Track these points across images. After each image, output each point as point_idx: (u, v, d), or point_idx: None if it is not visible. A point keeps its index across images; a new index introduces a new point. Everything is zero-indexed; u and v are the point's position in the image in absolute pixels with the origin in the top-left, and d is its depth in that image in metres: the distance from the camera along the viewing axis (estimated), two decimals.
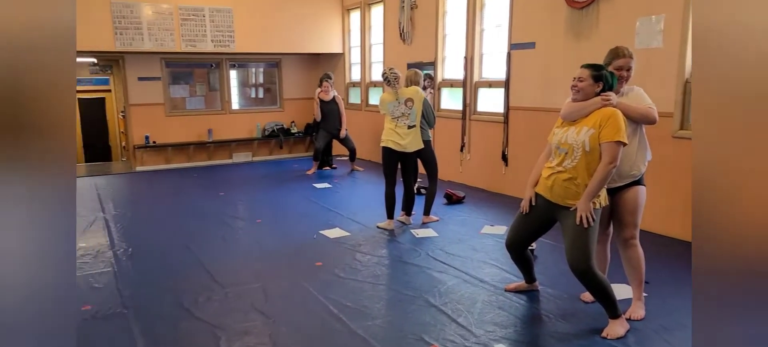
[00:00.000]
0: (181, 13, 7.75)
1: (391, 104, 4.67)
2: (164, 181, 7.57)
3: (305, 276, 3.74)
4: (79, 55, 8.02)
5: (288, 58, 9.42)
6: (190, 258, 4.16)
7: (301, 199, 6.18)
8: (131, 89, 8.31)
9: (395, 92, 4.66)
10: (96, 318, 3.16)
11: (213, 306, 3.30)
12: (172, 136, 8.63)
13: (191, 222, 5.24)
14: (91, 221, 5.27)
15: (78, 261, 4.09)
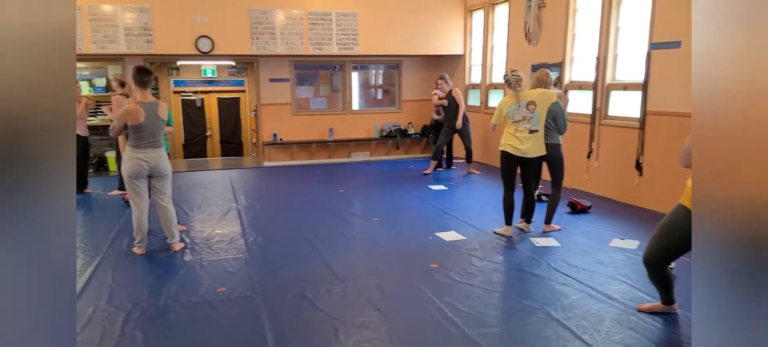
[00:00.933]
0: (311, 18, 8.18)
1: (512, 107, 4.49)
2: (289, 176, 8.04)
3: (420, 277, 3.73)
4: (221, 58, 8.80)
5: (408, 60, 9.53)
6: (312, 251, 4.35)
7: (416, 200, 6.21)
8: (263, 89, 8.94)
9: (516, 95, 4.48)
10: (229, 299, 3.42)
11: (332, 298, 3.41)
12: (297, 134, 9.14)
13: (313, 216, 5.49)
14: (226, 211, 5.73)
15: (214, 246, 4.48)
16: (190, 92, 11.27)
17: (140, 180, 4.15)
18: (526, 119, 4.42)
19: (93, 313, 3.19)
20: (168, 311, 3.24)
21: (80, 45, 7.26)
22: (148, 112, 4.05)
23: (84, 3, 7.20)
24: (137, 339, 2.88)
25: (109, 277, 3.78)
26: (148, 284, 3.69)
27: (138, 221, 4.21)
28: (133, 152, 4.07)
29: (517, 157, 4.48)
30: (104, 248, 4.44)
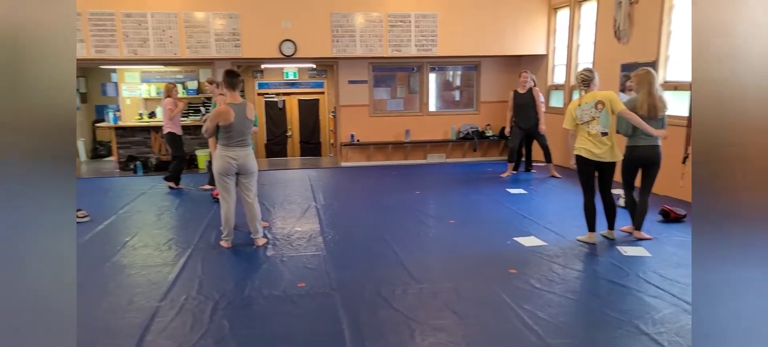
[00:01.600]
0: (390, 20, 8.26)
1: (579, 108, 4.30)
2: (365, 176, 8.15)
3: (498, 282, 3.64)
4: (302, 61, 9.09)
5: (487, 61, 9.36)
6: (387, 251, 4.38)
7: (494, 203, 6.07)
8: (342, 91, 9.13)
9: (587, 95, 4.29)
10: (309, 294, 3.51)
11: (408, 299, 3.41)
12: (374, 135, 9.25)
13: (389, 216, 5.52)
14: (305, 209, 5.91)
15: (294, 243, 4.62)
16: (272, 93, 11.75)
17: (229, 177, 4.37)
18: (594, 120, 4.23)
19: (185, 301, 3.39)
20: (252, 303, 3.38)
21: (176, 50, 7.78)
22: (237, 112, 4.25)
23: (179, 10, 7.72)
24: (224, 328, 3.03)
25: (199, 268, 4.01)
26: (234, 276, 3.88)
27: (226, 216, 4.44)
28: (223, 150, 4.30)
29: (593, 161, 4.28)
30: (195, 240, 4.72)
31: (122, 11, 7.57)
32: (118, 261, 4.20)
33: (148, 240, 4.76)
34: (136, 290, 3.60)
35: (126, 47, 7.66)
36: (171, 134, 6.98)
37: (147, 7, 7.62)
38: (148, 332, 2.97)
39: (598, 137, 4.24)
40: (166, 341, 2.88)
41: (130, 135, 9.06)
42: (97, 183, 7.78)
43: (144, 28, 7.65)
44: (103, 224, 5.29)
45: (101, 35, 7.56)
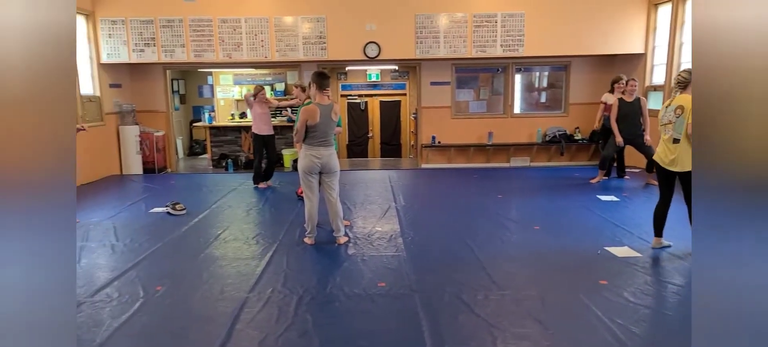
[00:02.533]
0: (475, 20, 8.13)
1: (664, 108, 4.08)
2: (446, 179, 8.07)
3: (587, 292, 3.44)
4: (386, 63, 9.18)
5: (578, 61, 8.95)
6: (468, 254, 4.29)
7: (582, 210, 5.78)
8: (423, 92, 9.11)
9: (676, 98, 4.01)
10: (389, 295, 3.52)
11: (490, 305, 3.31)
12: (455, 137, 9.14)
13: (470, 220, 5.42)
14: (386, 210, 5.94)
15: (375, 243, 4.66)
16: (355, 95, 11.97)
17: (313, 176, 4.49)
18: (670, 123, 4.00)
19: (271, 294, 3.52)
20: (333, 299, 3.44)
21: (266, 54, 8.14)
22: (323, 113, 4.37)
23: (271, 15, 8.06)
24: (308, 322, 3.11)
25: (284, 263, 4.15)
26: (316, 272, 3.97)
27: (309, 213, 4.56)
28: (307, 149, 4.43)
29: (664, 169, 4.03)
30: (280, 236, 4.89)
31: (219, 17, 8.04)
32: (211, 253, 4.44)
33: (238, 234, 4.99)
34: (227, 280, 3.79)
35: (221, 51, 8.12)
36: (254, 135, 7.26)
37: (241, 13, 8.04)
38: (238, 321, 3.11)
39: (669, 143, 4.05)
40: (254, 331, 3.00)
41: (223, 134, 9.60)
42: (193, 179, 8.31)
43: (238, 32, 8.08)
44: (197, 218, 5.63)
45: (199, 40, 8.08)
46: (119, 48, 8.10)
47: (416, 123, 9.80)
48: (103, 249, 4.56)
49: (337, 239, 4.65)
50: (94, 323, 3.12)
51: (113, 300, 3.43)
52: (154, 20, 8.02)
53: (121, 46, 8.09)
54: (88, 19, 7.98)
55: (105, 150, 8.32)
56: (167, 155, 9.23)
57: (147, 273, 3.94)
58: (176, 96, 11.04)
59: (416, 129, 9.85)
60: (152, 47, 8.09)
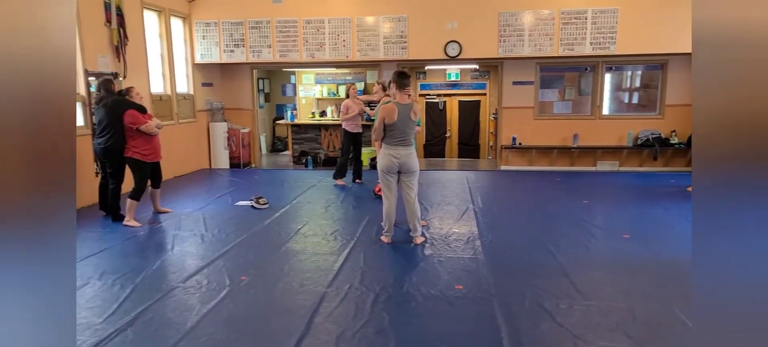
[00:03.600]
0: (563, 17, 7.79)
1: None
2: (526, 181, 7.80)
3: (683, 307, 3.17)
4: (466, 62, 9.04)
5: (676, 60, 8.32)
6: (550, 261, 4.11)
7: (678, 219, 5.36)
8: (505, 92, 8.87)
9: None
10: (466, 298, 3.44)
11: (575, 315, 3.15)
12: (538, 139, 8.82)
13: (552, 225, 5.20)
14: (463, 211, 5.84)
15: (452, 244, 4.59)
16: (433, 94, 11.90)
17: (391, 175, 4.49)
18: None
19: (349, 290, 3.56)
20: (410, 299, 3.42)
21: (348, 53, 8.28)
22: (401, 112, 4.35)
23: (353, 15, 8.19)
24: (384, 320, 3.10)
25: (361, 260, 4.19)
26: (393, 271, 3.97)
27: (387, 212, 4.57)
28: (386, 148, 4.44)
29: None
30: (357, 233, 4.95)
31: (304, 18, 8.29)
32: (291, 247, 4.57)
33: (317, 230, 5.11)
34: (306, 274, 3.88)
35: (305, 51, 8.37)
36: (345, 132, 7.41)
37: (325, 14, 8.24)
38: (317, 314, 3.17)
39: None
40: (332, 325, 3.04)
41: (304, 132, 9.89)
42: (275, 174, 8.63)
43: (321, 33, 8.28)
44: (279, 212, 5.83)
45: (285, 41, 8.36)
46: (211, 49, 8.57)
47: (496, 124, 9.56)
48: (193, 238, 4.83)
49: (413, 238, 4.62)
50: (186, 307, 3.30)
51: (202, 287, 3.62)
52: (244, 22, 8.41)
53: (213, 47, 8.56)
54: (184, 22, 8.51)
55: (196, 145, 8.84)
56: (252, 151, 9.66)
57: (233, 263, 4.12)
58: (261, 94, 11.52)
59: (496, 130, 9.62)
60: (241, 48, 8.48)
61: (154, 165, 5.46)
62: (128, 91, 5.33)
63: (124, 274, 3.87)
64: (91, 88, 6.23)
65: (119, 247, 4.58)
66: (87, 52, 6.20)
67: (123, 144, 5.20)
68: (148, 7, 7.48)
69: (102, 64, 6.47)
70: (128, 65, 6.87)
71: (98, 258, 4.24)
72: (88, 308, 3.30)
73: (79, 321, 3.11)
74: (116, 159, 5.28)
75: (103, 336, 2.90)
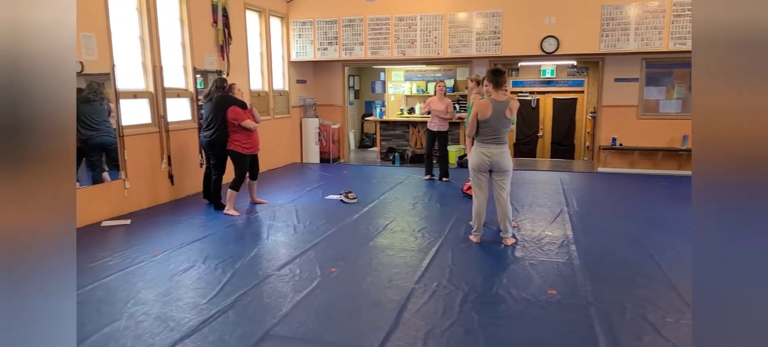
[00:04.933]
0: (675, 9, 7.21)
1: None
2: (627, 185, 7.32)
3: None
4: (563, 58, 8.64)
5: None
6: (655, 270, 3.82)
7: None
8: (606, 90, 8.37)
9: None
10: (560, 303, 3.28)
11: (683, 330, 2.89)
12: (641, 140, 8.24)
13: (656, 232, 4.83)
14: (557, 213, 5.59)
15: (544, 247, 4.40)
16: (526, 92, 11.51)
17: (482, 173, 4.39)
18: None
19: (436, 287, 3.53)
20: (500, 301, 3.32)
21: (439, 50, 8.22)
22: (495, 109, 4.24)
23: (445, 12, 8.12)
24: (473, 320, 3.04)
25: (449, 258, 4.13)
26: (482, 271, 3.88)
27: (477, 211, 4.47)
28: (478, 146, 4.34)
29: None
30: (445, 231, 4.89)
31: (396, 15, 8.34)
32: (379, 242, 4.62)
33: (405, 226, 5.12)
34: (394, 270, 3.89)
35: (396, 48, 8.42)
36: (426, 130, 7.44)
37: (417, 11, 8.24)
38: (405, 310, 3.17)
39: None
40: (420, 321, 3.02)
41: (392, 129, 9.97)
42: (363, 170, 8.77)
43: (413, 30, 8.29)
44: (367, 207, 5.91)
45: (376, 38, 8.47)
46: (306, 47, 8.88)
47: (594, 123, 9.06)
48: (286, 229, 5.02)
49: (504, 239, 4.49)
50: (280, 294, 3.44)
51: (295, 276, 3.75)
52: (337, 20, 8.62)
53: (308, 45, 8.86)
54: (282, 21, 8.89)
55: (289, 140, 9.21)
56: (341, 146, 9.90)
57: (323, 255, 4.23)
58: (351, 91, 11.77)
59: (594, 129, 9.11)
60: (334, 46, 8.71)
61: (253, 158, 5.76)
62: (230, 87, 5.65)
63: (224, 259, 4.10)
64: (198, 84, 6.69)
65: (220, 234, 4.87)
66: (195, 50, 6.66)
67: (225, 138, 5.53)
68: (250, 7, 7.89)
69: (208, 62, 6.91)
70: (231, 63, 7.30)
71: (202, 243, 4.54)
72: (194, 289, 3.54)
73: (187, 300, 3.34)
74: (219, 152, 5.62)
75: (207, 315, 3.09)
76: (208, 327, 2.95)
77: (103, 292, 3.46)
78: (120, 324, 2.99)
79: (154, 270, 3.89)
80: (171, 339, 2.81)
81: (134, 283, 3.62)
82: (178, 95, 6.45)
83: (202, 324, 2.98)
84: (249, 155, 5.64)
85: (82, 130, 5.08)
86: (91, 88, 5.14)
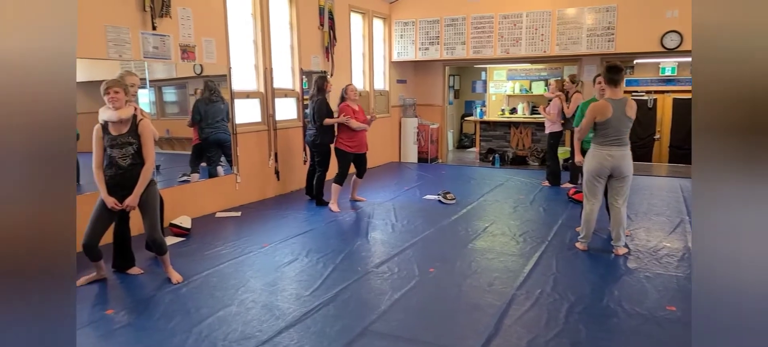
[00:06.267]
0: None
1: None
2: None
3: None
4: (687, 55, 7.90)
5: None
6: None
7: None
8: None
9: None
10: (681, 321, 2.98)
11: None
12: None
13: None
14: (676, 223, 5.12)
15: (662, 260, 4.04)
16: (642, 91, 10.67)
17: (600, 179, 4.11)
18: None
19: (540, 295, 3.36)
20: (611, 314, 3.09)
21: (545, 48, 7.88)
22: (616, 109, 3.96)
23: (554, 8, 7.76)
24: (580, 333, 2.85)
25: (554, 265, 3.93)
26: (590, 281, 3.64)
27: (588, 218, 4.20)
28: (597, 149, 4.07)
29: None
30: (549, 237, 4.66)
31: (500, 13, 8.12)
32: (478, 245, 4.51)
33: (505, 229, 4.95)
34: (494, 274, 3.77)
35: (499, 47, 8.20)
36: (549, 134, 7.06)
37: (523, 8, 7.96)
38: (506, 316, 3.06)
39: None
40: (522, 329, 2.90)
41: (492, 129, 9.72)
42: (461, 171, 8.64)
43: (518, 28, 8.03)
44: (466, 209, 5.81)
45: (479, 37, 8.31)
46: (408, 47, 8.93)
47: None
48: (384, 227, 5.07)
49: (615, 248, 4.18)
50: (379, 291, 3.47)
51: (393, 274, 3.77)
52: (440, 20, 8.58)
53: (410, 45, 8.90)
54: (384, 22, 9.02)
55: (388, 139, 9.32)
56: (439, 146, 9.83)
57: (421, 254, 4.21)
58: (451, 91, 11.65)
59: None
60: (436, 45, 8.67)
61: (359, 156, 5.88)
62: (324, 83, 5.81)
63: (325, 254, 4.23)
64: (303, 84, 6.98)
65: (322, 229, 5.03)
66: (302, 52, 6.95)
67: (326, 139, 5.72)
68: (354, 10, 8.09)
69: (314, 63, 7.18)
70: (334, 64, 7.53)
71: (304, 237, 4.71)
72: (297, 281, 3.68)
73: (291, 290, 3.48)
74: (320, 150, 5.83)
75: (310, 307, 3.20)
76: (311, 319, 3.04)
77: (217, 278, 3.71)
78: (231, 310, 3.18)
79: (262, 260, 4.10)
80: (276, 327, 2.93)
81: (244, 272, 3.84)
82: (285, 95, 6.77)
83: (304, 316, 3.08)
84: (353, 153, 5.77)
85: (205, 128, 5.51)
86: (210, 88, 5.55)
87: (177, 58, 5.14)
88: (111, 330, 2.94)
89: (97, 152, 3.46)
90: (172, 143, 5.48)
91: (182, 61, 5.20)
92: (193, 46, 5.29)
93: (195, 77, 5.42)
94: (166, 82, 5.31)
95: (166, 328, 2.94)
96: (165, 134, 5.31)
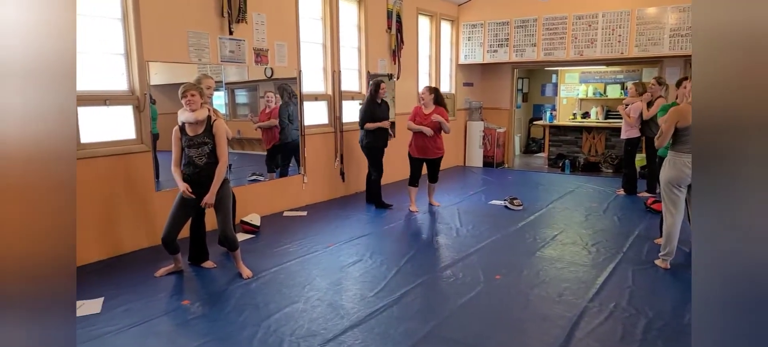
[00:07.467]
0: None
1: None
2: None
3: None
4: None
5: None
6: None
7: None
8: None
9: None
10: None
11: None
12: None
13: None
14: None
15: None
16: None
17: (680, 188, 3.84)
18: None
19: (614, 308, 3.19)
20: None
21: (623, 49, 7.51)
22: None
23: (633, 7, 7.39)
24: None
25: (630, 279, 3.72)
26: (671, 298, 3.41)
27: (669, 232, 3.92)
28: (676, 156, 3.80)
29: None
30: (624, 248, 4.42)
31: (574, 14, 7.83)
32: (547, 252, 4.35)
33: (576, 238, 4.75)
34: (564, 284, 3.62)
35: (573, 49, 7.90)
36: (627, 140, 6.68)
37: (599, 8, 7.63)
38: (577, 328, 2.92)
39: None
40: (595, 343, 2.75)
41: (562, 134, 9.38)
42: (528, 176, 8.39)
43: (593, 28, 7.70)
44: (533, 216, 5.62)
45: (551, 38, 8.04)
46: (475, 49, 8.80)
47: None
48: (449, 231, 5.01)
49: None
50: (443, 296, 3.42)
51: (458, 280, 3.70)
52: (510, 22, 8.39)
53: (477, 47, 8.77)
54: (452, 24, 8.93)
55: (453, 143, 9.21)
56: (506, 151, 9.61)
57: (486, 261, 4.12)
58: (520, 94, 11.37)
59: None
60: (505, 48, 8.49)
61: (429, 161, 5.79)
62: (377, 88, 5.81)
63: (389, 256, 4.23)
64: None
65: (386, 231, 5.04)
66: (369, 55, 7.01)
67: (371, 142, 5.79)
68: (422, 13, 8.08)
69: (380, 66, 7.23)
70: (401, 67, 7.54)
71: (368, 239, 4.74)
72: (361, 281, 3.70)
73: (355, 291, 3.51)
74: (368, 153, 5.88)
75: (374, 308, 3.20)
76: (375, 320, 3.04)
77: (284, 275, 3.80)
78: (298, 306, 3.25)
79: (327, 259, 4.16)
80: (341, 327, 2.96)
81: (310, 270, 3.91)
82: (352, 97, 6.86)
83: (369, 316, 3.09)
84: (417, 158, 5.74)
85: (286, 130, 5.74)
86: (288, 92, 5.75)
87: (251, 61, 5.33)
88: (186, 320, 3.08)
89: (175, 151, 3.64)
90: (242, 144, 5.70)
91: (256, 65, 5.38)
92: (266, 50, 5.47)
93: (265, 80, 5.60)
94: (238, 85, 5.53)
95: (236, 321, 3.04)
96: (237, 135, 5.52)
